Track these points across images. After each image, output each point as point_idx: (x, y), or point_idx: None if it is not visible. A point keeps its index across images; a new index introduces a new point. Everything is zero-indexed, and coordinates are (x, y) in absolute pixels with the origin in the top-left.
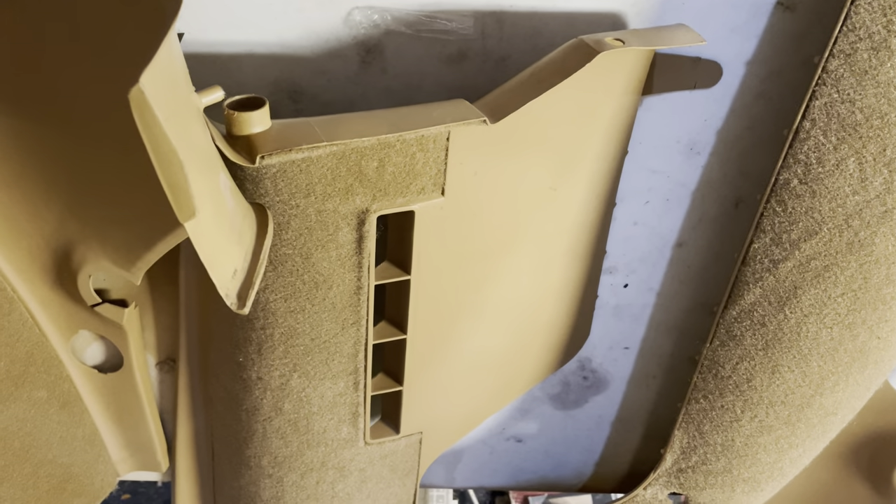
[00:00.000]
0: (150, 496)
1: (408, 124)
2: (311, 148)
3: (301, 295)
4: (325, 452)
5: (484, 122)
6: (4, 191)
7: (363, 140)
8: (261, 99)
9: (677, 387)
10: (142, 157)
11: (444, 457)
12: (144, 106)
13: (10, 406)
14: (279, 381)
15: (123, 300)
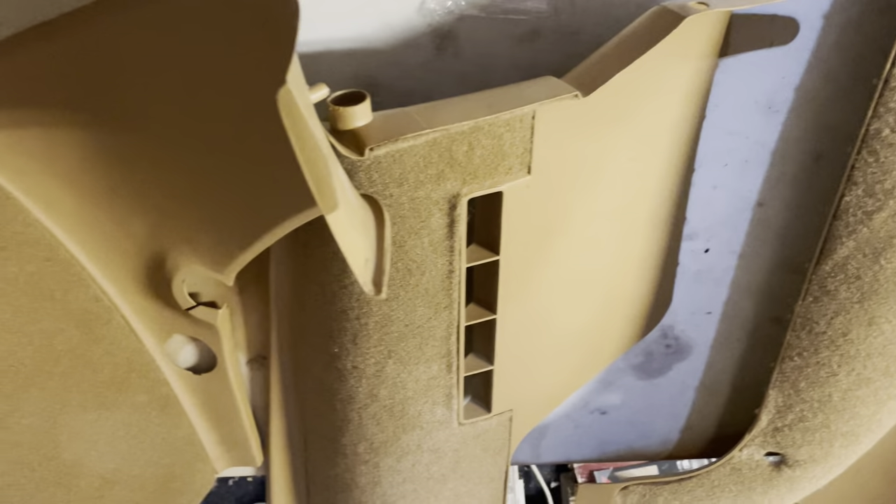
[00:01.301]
0: (220, 494)
1: (503, 105)
2: (416, 136)
3: (395, 283)
4: (421, 435)
5: (576, 97)
6: (97, 205)
7: (464, 124)
8: (361, 93)
9: (762, 348)
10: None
11: (529, 434)
12: (291, 104)
13: (115, 412)
14: (374, 369)
15: (213, 302)
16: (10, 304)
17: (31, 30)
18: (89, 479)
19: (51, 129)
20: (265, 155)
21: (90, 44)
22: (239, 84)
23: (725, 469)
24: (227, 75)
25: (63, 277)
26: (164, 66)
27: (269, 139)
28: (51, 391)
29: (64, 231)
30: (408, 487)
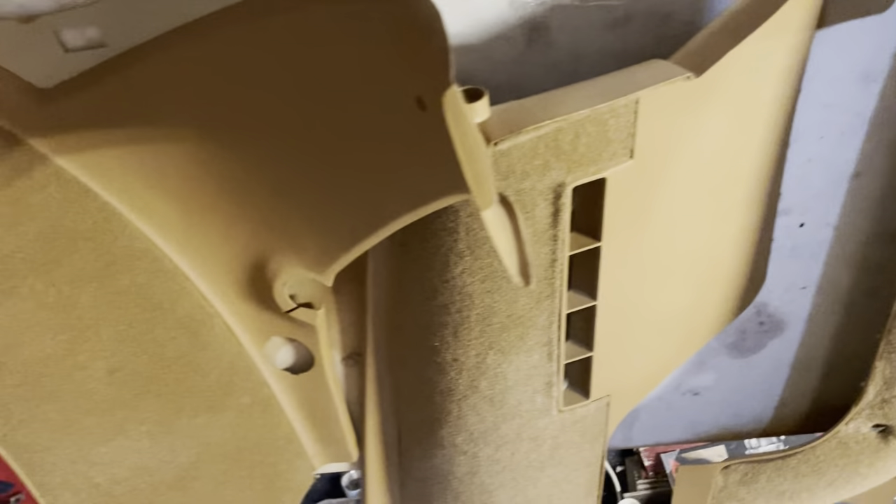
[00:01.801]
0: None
1: (619, 91)
2: (537, 128)
3: (498, 275)
4: (520, 424)
5: (688, 79)
6: (200, 216)
7: (582, 113)
8: (479, 90)
9: (858, 321)
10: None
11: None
12: (457, 104)
13: (222, 414)
14: (475, 361)
15: (309, 303)
16: (124, 315)
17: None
18: (203, 481)
19: (158, 145)
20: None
21: (211, 56)
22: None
23: (831, 444)
24: (359, 79)
25: (170, 287)
26: (288, 75)
27: (406, 139)
28: (165, 397)
29: (168, 242)
30: (506, 476)
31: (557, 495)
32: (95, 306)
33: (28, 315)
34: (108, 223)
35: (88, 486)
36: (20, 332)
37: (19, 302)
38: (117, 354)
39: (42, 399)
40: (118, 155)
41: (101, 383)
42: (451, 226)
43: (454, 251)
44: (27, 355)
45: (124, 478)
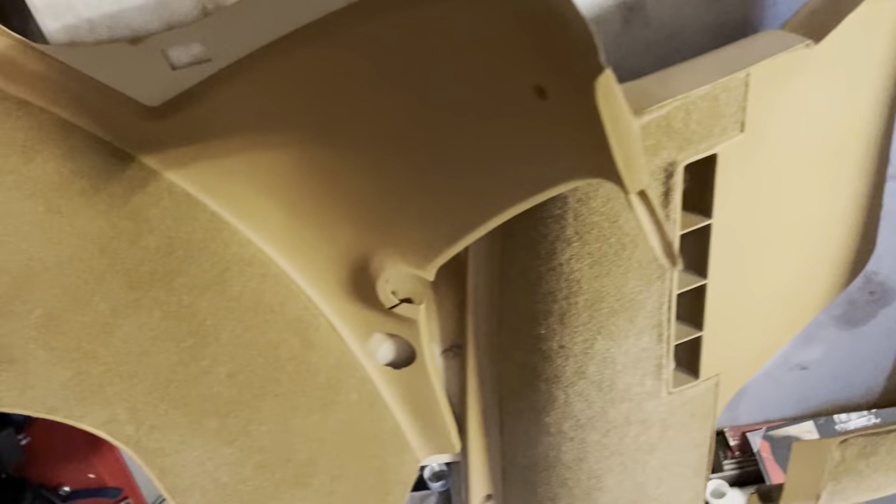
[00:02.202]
0: None
1: (734, 65)
2: (660, 107)
3: (607, 259)
4: (629, 408)
5: (807, 47)
6: (304, 219)
7: (703, 89)
8: None
9: None
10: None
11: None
12: (611, 87)
13: (333, 412)
14: (583, 347)
15: (409, 298)
16: (240, 320)
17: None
18: (321, 478)
19: (263, 153)
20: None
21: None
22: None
23: None
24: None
25: (278, 290)
26: (396, 74)
27: (520, 129)
28: (282, 397)
29: (273, 248)
30: (615, 461)
31: (666, 478)
32: (214, 313)
33: (154, 325)
34: (219, 232)
35: (216, 486)
36: (147, 342)
37: (145, 313)
38: (236, 358)
39: (171, 404)
40: (225, 165)
41: (224, 386)
42: (559, 213)
43: (561, 238)
44: (155, 363)
45: (249, 477)
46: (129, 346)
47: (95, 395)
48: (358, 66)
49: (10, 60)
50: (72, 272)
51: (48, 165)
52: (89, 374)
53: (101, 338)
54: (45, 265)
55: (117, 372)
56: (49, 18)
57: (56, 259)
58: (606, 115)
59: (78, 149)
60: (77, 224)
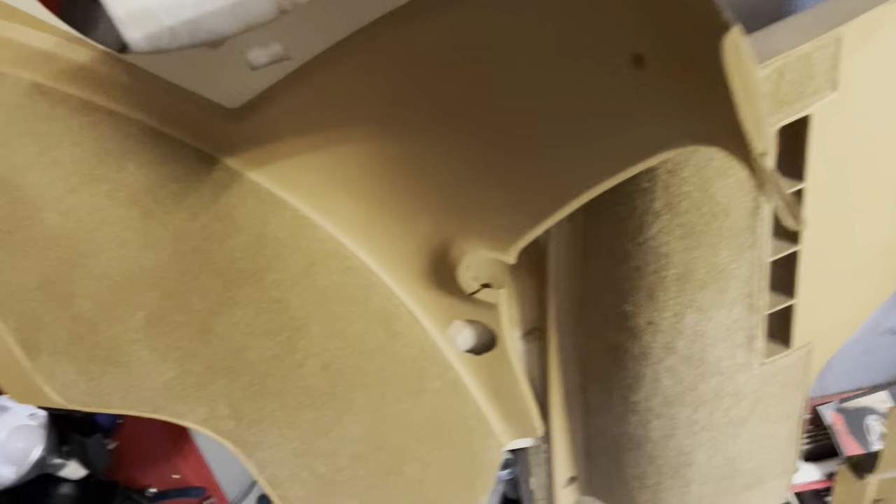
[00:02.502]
0: None
1: (834, 21)
2: (764, 66)
3: (698, 229)
4: (720, 382)
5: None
6: (383, 211)
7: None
8: None
9: None
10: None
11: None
12: (739, 44)
13: (420, 399)
14: (672, 321)
15: (488, 283)
16: (328, 312)
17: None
18: (412, 465)
19: (343, 147)
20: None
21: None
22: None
23: None
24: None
25: (361, 282)
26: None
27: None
28: (371, 387)
29: (353, 241)
30: (705, 436)
31: (758, 451)
32: (303, 306)
33: (248, 321)
34: (302, 229)
35: (313, 476)
36: (244, 338)
37: (239, 310)
38: (328, 350)
39: (268, 398)
40: (305, 162)
41: (318, 378)
42: (647, 186)
43: (650, 211)
44: (253, 358)
45: (345, 466)
46: (227, 342)
47: (197, 393)
48: (440, 51)
49: (97, 72)
50: (169, 274)
51: (140, 172)
52: (191, 372)
53: (200, 336)
54: (143, 269)
55: (217, 369)
56: (131, 28)
57: (154, 262)
58: (734, 74)
59: (166, 154)
60: (171, 227)
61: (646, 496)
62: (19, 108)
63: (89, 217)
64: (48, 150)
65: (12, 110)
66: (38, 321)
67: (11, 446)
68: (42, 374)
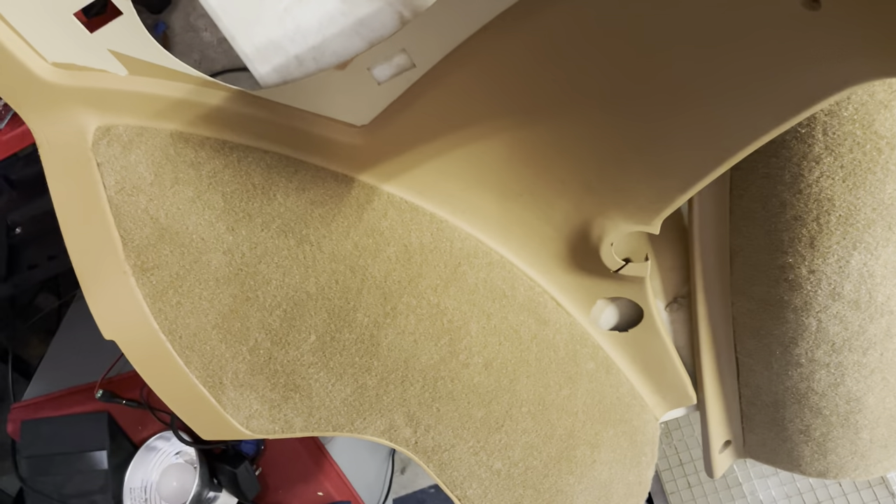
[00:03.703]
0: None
1: None
2: None
3: (862, 168)
4: (890, 321)
5: None
6: (516, 203)
7: None
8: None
9: None
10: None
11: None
12: None
13: (578, 383)
14: (836, 266)
15: (628, 258)
16: (482, 310)
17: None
18: (582, 448)
19: (473, 146)
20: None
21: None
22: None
23: None
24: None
25: (504, 276)
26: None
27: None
28: (534, 377)
29: (490, 236)
30: (876, 378)
31: None
32: (458, 307)
33: (412, 328)
34: (442, 232)
35: (490, 473)
36: (410, 346)
37: (402, 319)
38: (487, 346)
39: (441, 401)
40: (436, 167)
41: (483, 376)
42: (804, 132)
43: (809, 157)
44: (421, 364)
45: (519, 458)
46: (396, 353)
47: (374, 406)
48: (577, 31)
49: (230, 111)
50: (333, 295)
51: (287, 201)
52: (366, 386)
53: (370, 350)
54: (308, 293)
55: (390, 380)
56: (259, 63)
57: (317, 286)
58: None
59: (307, 181)
60: (326, 249)
61: (811, 449)
62: (167, 159)
63: (251, 252)
64: (201, 193)
65: (161, 162)
66: (219, 358)
67: (166, 486)
68: (229, 409)
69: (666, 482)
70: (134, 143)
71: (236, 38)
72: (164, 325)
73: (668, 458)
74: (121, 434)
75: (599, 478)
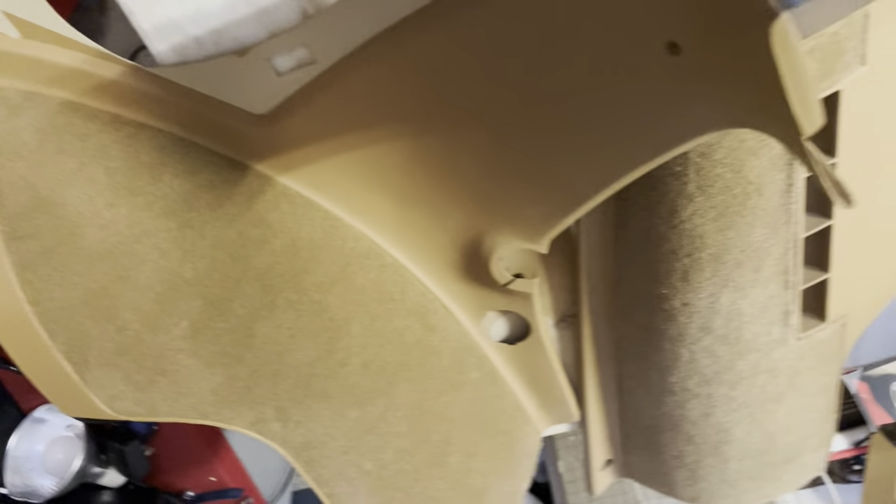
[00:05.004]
0: None
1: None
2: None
3: (731, 210)
4: (757, 358)
5: None
6: (414, 209)
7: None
8: None
9: None
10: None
11: None
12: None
13: (460, 391)
14: (707, 302)
15: (520, 273)
16: (367, 311)
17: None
18: (457, 456)
19: (372, 148)
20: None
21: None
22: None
23: None
24: (594, 40)
25: (396, 279)
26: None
27: (648, 88)
28: (413, 382)
29: (386, 239)
30: (743, 413)
31: (795, 425)
32: (342, 307)
33: (290, 324)
34: (335, 229)
35: (360, 473)
36: (287, 341)
37: (280, 313)
38: (368, 348)
39: (313, 399)
40: (335, 164)
41: (360, 377)
42: (679, 170)
43: (683, 194)
44: (296, 360)
45: (390, 461)
46: (271, 346)
47: (244, 398)
48: (470, 49)
49: (126, 86)
50: (210, 282)
51: (174, 183)
52: (237, 377)
53: (244, 342)
54: (185, 279)
55: (262, 373)
56: (158, 41)
57: (194, 271)
58: (782, 60)
59: (198, 164)
60: (209, 235)
61: (684, 475)
62: (53, 128)
63: (129, 230)
64: (84, 166)
65: (47, 130)
66: (86, 335)
67: (51, 458)
68: (92, 387)
69: (569, 493)
70: (22, 108)
71: (135, 13)
72: (30, 296)
73: (575, 471)
74: (9, 401)
75: (473, 486)
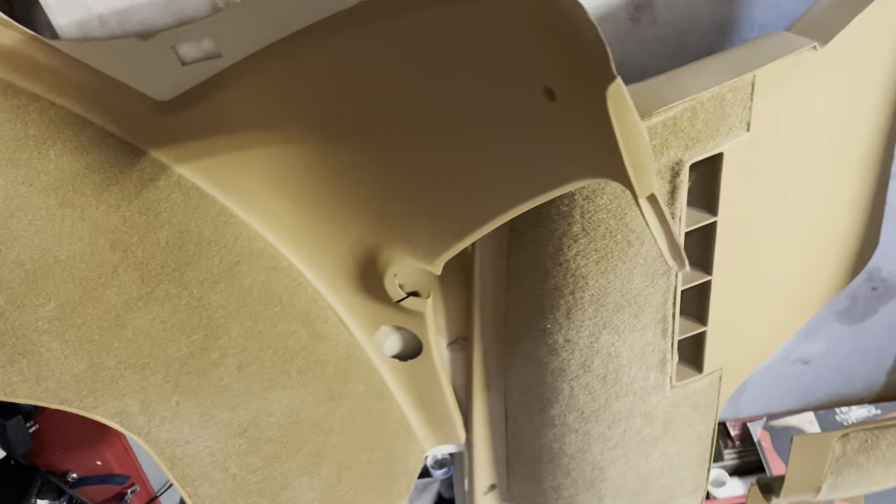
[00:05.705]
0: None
1: (743, 67)
2: (667, 109)
3: (613, 255)
4: (633, 401)
5: (814, 49)
6: (314, 214)
7: (712, 91)
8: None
9: None
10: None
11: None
12: (621, 95)
13: (342, 403)
14: (588, 341)
15: (416, 291)
16: (250, 313)
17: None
18: (329, 468)
19: (274, 148)
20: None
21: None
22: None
23: None
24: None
25: (287, 283)
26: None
27: (531, 128)
28: (291, 389)
29: (282, 241)
30: (618, 452)
31: (669, 469)
32: (224, 306)
33: (165, 318)
34: (229, 226)
35: (225, 476)
36: (160, 335)
37: (156, 306)
38: (246, 350)
39: (182, 396)
40: (235, 160)
41: (234, 378)
42: (566, 210)
43: (568, 234)
44: (167, 355)
45: (258, 467)
46: (142, 338)
47: (108, 387)
48: (368, 65)
49: (21, 55)
50: (85, 266)
51: (61, 160)
52: (102, 366)
53: (113, 330)
54: (58, 259)
55: (130, 364)
56: (60, 14)
57: (69, 253)
58: (617, 122)
59: (90, 143)
60: (90, 218)
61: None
62: None
63: (4, 203)
64: None
65: None
66: None
67: None
68: None
69: None
70: None
71: None
72: None
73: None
74: None
75: (342, 499)
